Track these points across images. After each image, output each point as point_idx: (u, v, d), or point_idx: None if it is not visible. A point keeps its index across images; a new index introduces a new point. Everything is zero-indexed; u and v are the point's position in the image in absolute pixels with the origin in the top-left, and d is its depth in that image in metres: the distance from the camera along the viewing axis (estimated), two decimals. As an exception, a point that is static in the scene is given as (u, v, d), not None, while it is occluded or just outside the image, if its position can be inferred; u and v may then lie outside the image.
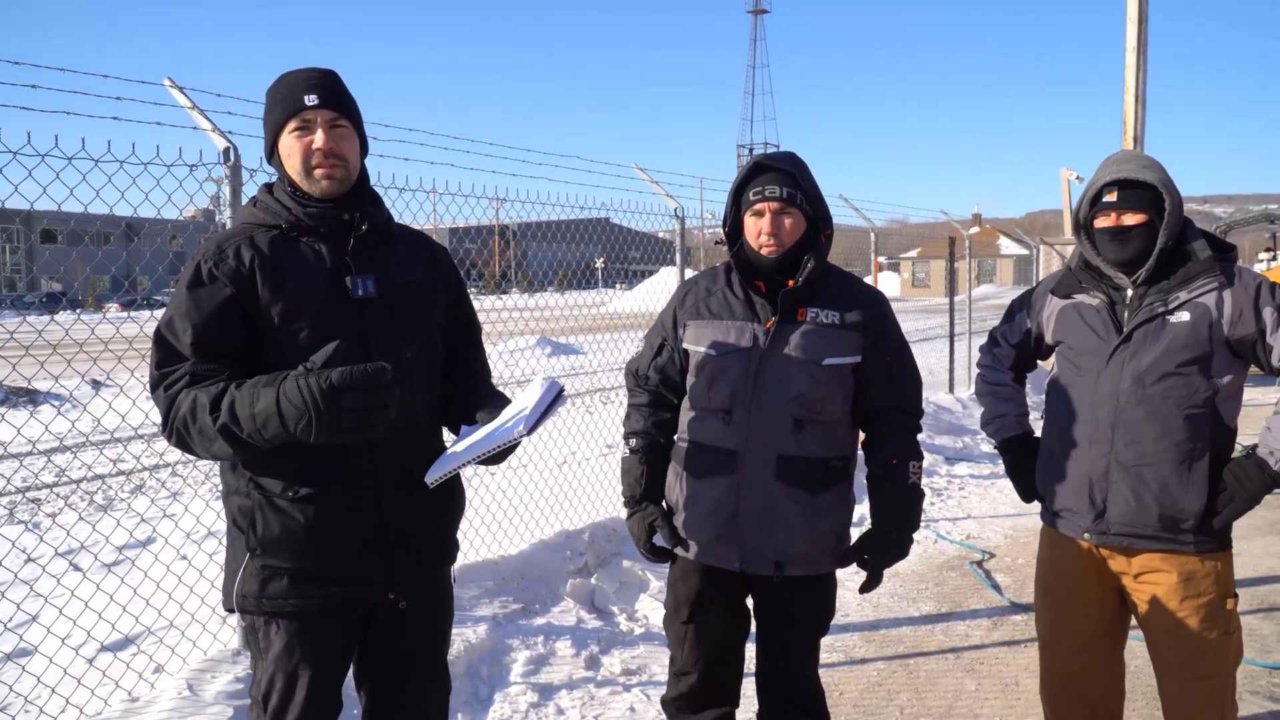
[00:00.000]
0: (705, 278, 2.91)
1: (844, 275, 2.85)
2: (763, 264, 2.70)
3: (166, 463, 8.52)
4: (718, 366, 2.73)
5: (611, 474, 6.76)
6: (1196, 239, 2.67)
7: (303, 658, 2.26)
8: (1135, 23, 12.27)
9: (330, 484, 2.21)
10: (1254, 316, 2.56)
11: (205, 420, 2.03)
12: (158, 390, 2.13)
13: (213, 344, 2.15)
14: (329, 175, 2.26)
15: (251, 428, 2.00)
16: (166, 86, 3.70)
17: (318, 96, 2.24)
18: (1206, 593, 2.67)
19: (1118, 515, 2.69)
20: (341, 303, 2.26)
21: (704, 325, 2.79)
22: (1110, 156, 2.76)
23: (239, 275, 2.18)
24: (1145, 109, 12.49)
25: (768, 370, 2.67)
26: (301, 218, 2.27)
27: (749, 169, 2.76)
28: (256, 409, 1.99)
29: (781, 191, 2.66)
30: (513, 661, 4.19)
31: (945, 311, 11.93)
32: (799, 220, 2.69)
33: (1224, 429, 2.65)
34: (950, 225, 12.37)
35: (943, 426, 9.60)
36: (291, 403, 1.95)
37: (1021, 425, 3.09)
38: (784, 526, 2.68)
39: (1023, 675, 4.22)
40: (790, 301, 2.70)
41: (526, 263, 39.31)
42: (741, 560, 2.73)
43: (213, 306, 2.16)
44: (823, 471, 2.70)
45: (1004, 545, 6.22)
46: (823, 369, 2.66)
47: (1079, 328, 2.79)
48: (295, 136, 2.25)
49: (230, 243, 2.23)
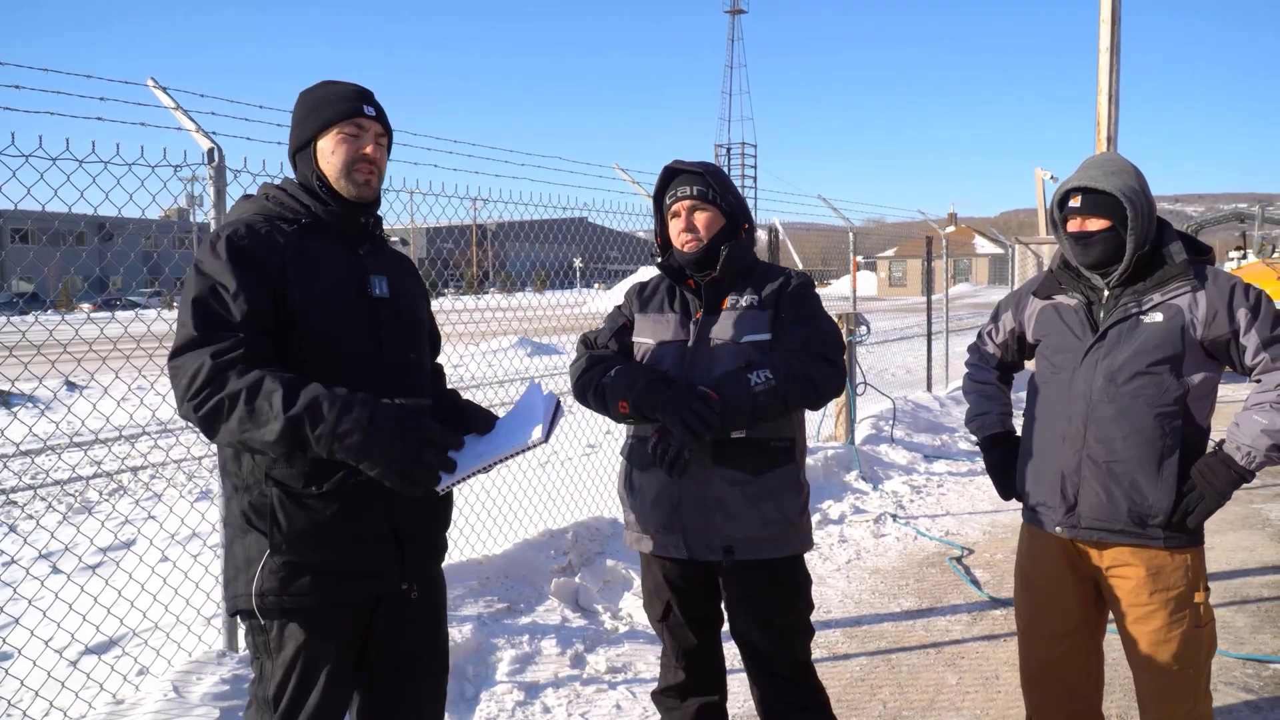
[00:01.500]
0: (652, 281, 3.05)
1: (768, 265, 2.96)
2: (685, 260, 2.83)
3: (150, 463, 8.46)
4: (655, 359, 2.86)
5: (593, 473, 6.78)
6: (1173, 242, 2.73)
7: (320, 654, 2.26)
8: (1109, 24, 12.43)
9: (348, 479, 2.23)
10: (1228, 317, 2.62)
11: (273, 403, 2.00)
12: (195, 352, 2.07)
13: (261, 316, 2.15)
14: (368, 181, 2.37)
15: (327, 429, 2.01)
16: (150, 87, 3.69)
17: (375, 110, 2.39)
18: (1175, 586, 2.72)
19: (1088, 510, 2.75)
20: (361, 300, 2.34)
21: (645, 320, 2.94)
22: (1086, 160, 2.82)
23: (270, 258, 2.22)
24: (1119, 109, 12.66)
25: (697, 360, 2.78)
26: (320, 214, 2.34)
27: (663, 177, 2.90)
28: (344, 417, 2.02)
29: (692, 190, 2.81)
30: (498, 661, 4.20)
31: (921, 310, 12.04)
32: (715, 215, 2.82)
33: (1195, 427, 2.70)
34: (927, 225, 12.46)
35: (921, 424, 9.69)
36: (382, 433, 2.02)
37: (1003, 424, 3.14)
38: (726, 511, 2.74)
39: (1003, 669, 4.28)
40: (714, 292, 2.83)
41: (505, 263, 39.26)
42: (688, 548, 2.80)
43: (255, 278, 2.17)
44: (762, 453, 2.75)
45: (983, 541, 6.29)
46: (742, 346, 2.74)
47: (1057, 327, 2.85)
48: (343, 138, 2.35)
49: (258, 225, 2.27)
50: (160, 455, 8.79)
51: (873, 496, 7.36)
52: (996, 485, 3.13)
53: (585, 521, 5.69)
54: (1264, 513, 6.78)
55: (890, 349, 19.68)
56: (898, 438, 8.96)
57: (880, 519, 6.69)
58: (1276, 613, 4.91)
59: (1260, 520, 6.59)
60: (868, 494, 7.41)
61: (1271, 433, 2.59)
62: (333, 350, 2.26)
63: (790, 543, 2.83)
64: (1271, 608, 4.99)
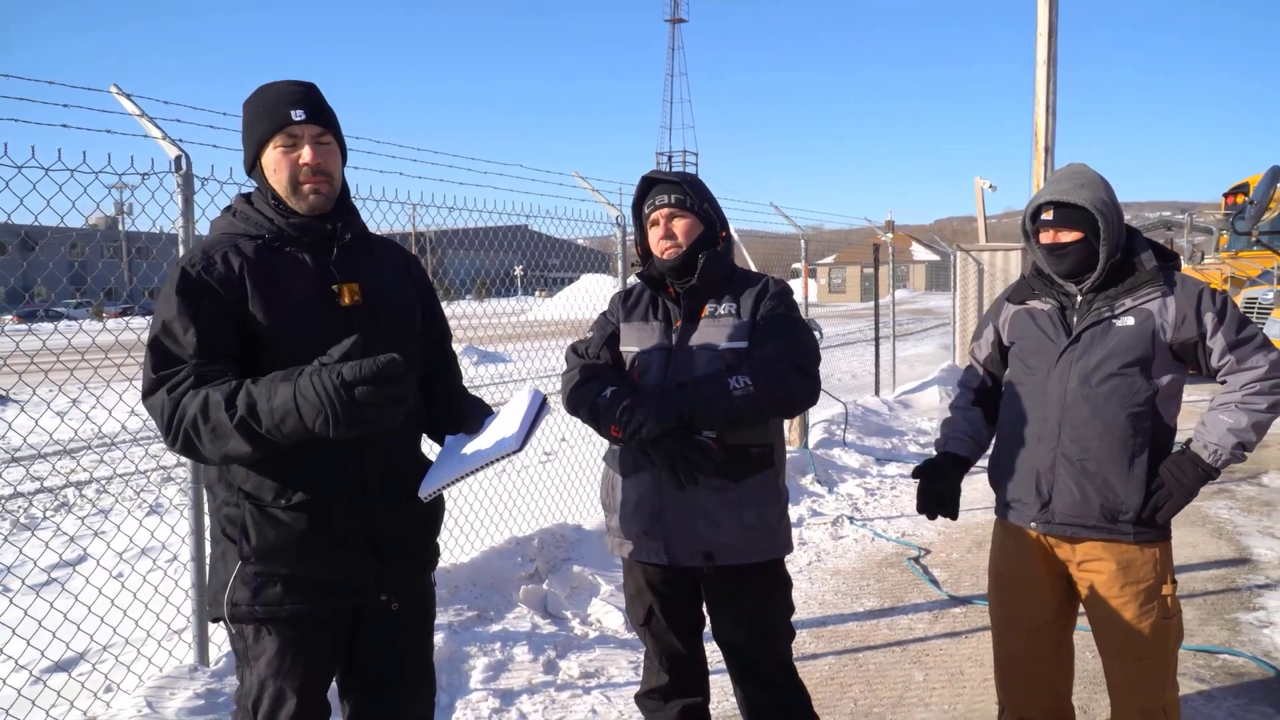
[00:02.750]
0: (635, 288, 3.07)
1: (746, 272, 3.00)
2: (665, 267, 2.86)
3: (95, 478, 8.27)
4: (640, 365, 2.89)
5: (552, 481, 6.79)
6: (1144, 250, 2.85)
7: (294, 663, 2.27)
8: (1045, 37, 12.77)
9: (320, 490, 2.23)
10: (1195, 321, 2.74)
11: (220, 417, 1.99)
12: (157, 393, 2.10)
13: (215, 345, 2.14)
14: (316, 190, 2.29)
15: (270, 423, 1.97)
16: (113, 94, 3.63)
17: (304, 111, 2.25)
18: (1145, 579, 2.82)
19: (1062, 506, 2.85)
20: (330, 311, 2.28)
21: (630, 328, 2.96)
22: (1056, 173, 2.93)
23: (228, 281, 2.19)
24: (1056, 119, 13.00)
25: (678, 367, 2.81)
26: (285, 228, 2.29)
27: (642, 187, 2.95)
28: (274, 404, 1.96)
29: (670, 198, 2.85)
30: (471, 669, 4.20)
31: (862, 317, 12.26)
32: (693, 223, 2.85)
33: (1163, 427, 2.82)
34: (865, 232, 12.68)
35: (871, 428, 9.85)
36: (307, 399, 1.93)
37: (949, 445, 3.14)
38: (706, 517, 2.77)
39: (966, 665, 4.39)
40: (693, 299, 2.87)
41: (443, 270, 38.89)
42: (668, 553, 2.83)
43: (209, 310, 2.16)
44: (741, 459, 2.78)
45: (938, 542, 6.43)
46: (721, 353, 2.79)
47: (1031, 331, 2.95)
48: (281, 152, 2.26)
49: (216, 249, 2.23)
50: (105, 470, 8.60)
51: (829, 499, 7.47)
52: (920, 492, 3.11)
53: (550, 528, 5.69)
54: (1204, 510, 7.02)
55: (834, 354, 19.94)
56: (850, 441, 9.10)
57: (838, 521, 6.80)
58: (1222, 605, 5.10)
59: (1201, 518, 6.83)
60: (824, 497, 7.52)
61: (1237, 431, 2.71)
62: (302, 363, 2.21)
63: (770, 548, 2.87)
64: (1217, 601, 5.18)
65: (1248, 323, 2.78)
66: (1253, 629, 4.76)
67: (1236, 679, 4.21)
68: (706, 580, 2.90)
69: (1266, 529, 6.58)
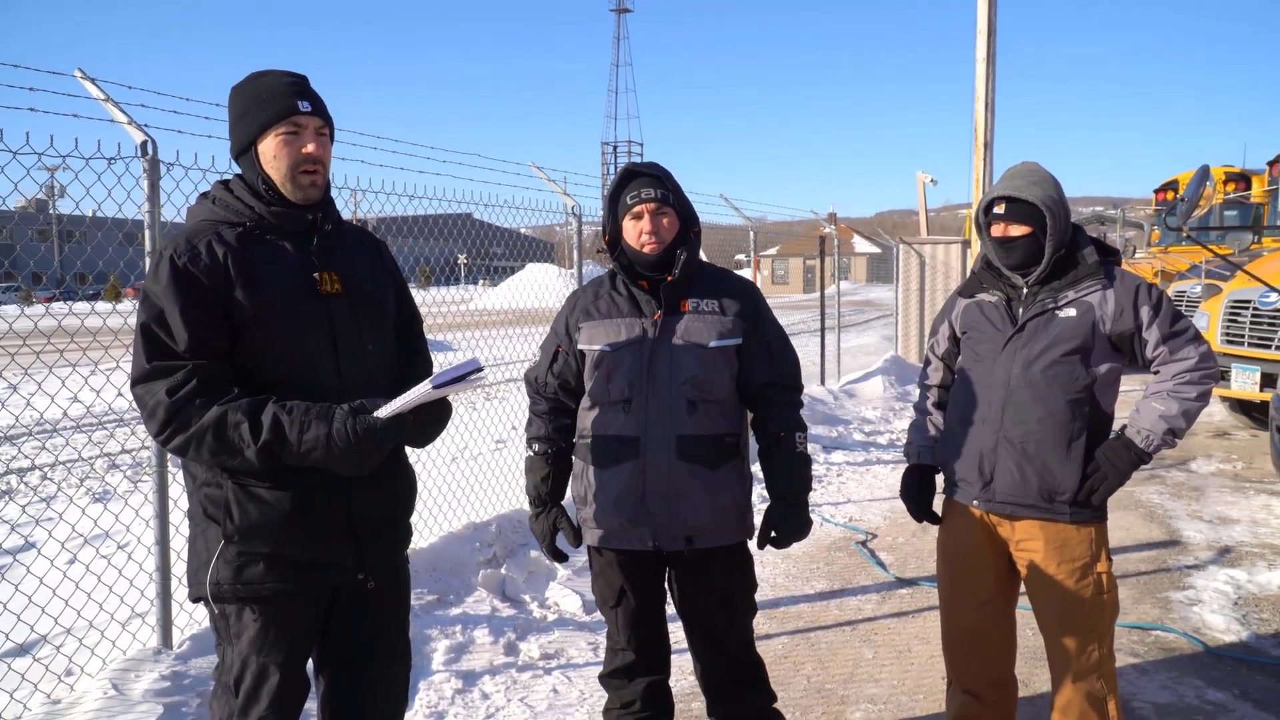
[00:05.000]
0: (591, 286, 3.12)
1: (715, 268, 3.12)
2: (644, 261, 2.92)
3: (37, 465, 8.12)
4: (613, 361, 2.93)
5: (505, 468, 6.86)
6: (1086, 245, 3.01)
7: (276, 640, 2.33)
8: (985, 35, 13.06)
9: (303, 471, 2.29)
10: (1132, 314, 2.90)
11: (235, 436, 2.14)
12: (150, 385, 2.17)
13: (206, 338, 2.20)
14: (314, 183, 2.35)
15: (294, 452, 2.17)
16: (78, 78, 3.61)
17: (310, 104, 2.32)
18: (1080, 558, 2.99)
19: (1003, 486, 3.00)
20: (311, 299, 2.34)
21: (595, 326, 2.99)
22: (1008, 170, 3.07)
23: (213, 270, 2.23)
24: (994, 115, 13.31)
25: (659, 358, 2.89)
26: (267, 216, 2.33)
27: (621, 176, 3.01)
28: (306, 436, 2.15)
29: (656, 193, 2.91)
30: (433, 651, 4.26)
31: (805, 308, 12.46)
32: (674, 218, 2.94)
33: (1101, 414, 2.98)
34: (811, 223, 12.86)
35: (818, 417, 10.04)
36: (339, 444, 2.16)
37: (920, 455, 3.30)
38: (689, 502, 2.89)
39: (914, 642, 4.56)
40: (672, 294, 2.95)
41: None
42: (655, 538, 2.93)
43: (199, 300, 2.20)
44: (719, 447, 2.92)
45: (884, 526, 6.62)
46: (709, 351, 2.90)
47: (979, 321, 3.11)
48: (283, 140, 2.30)
49: (200, 238, 2.27)
50: (47, 458, 8.45)
51: (778, 486, 7.61)
52: (911, 512, 3.32)
53: (507, 514, 5.76)
54: (1137, 495, 7.32)
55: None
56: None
57: (787, 507, 6.93)
58: (1154, 585, 5.35)
59: (1134, 502, 7.12)
60: (773, 484, 7.66)
61: (1168, 418, 2.88)
62: (285, 352, 2.29)
63: (740, 529, 3.01)
64: (1149, 580, 5.43)
65: (1180, 316, 2.95)
66: (1183, 607, 5.01)
67: (1168, 653, 4.43)
68: (676, 560, 3.01)
69: (1194, 513, 6.88)
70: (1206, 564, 5.72)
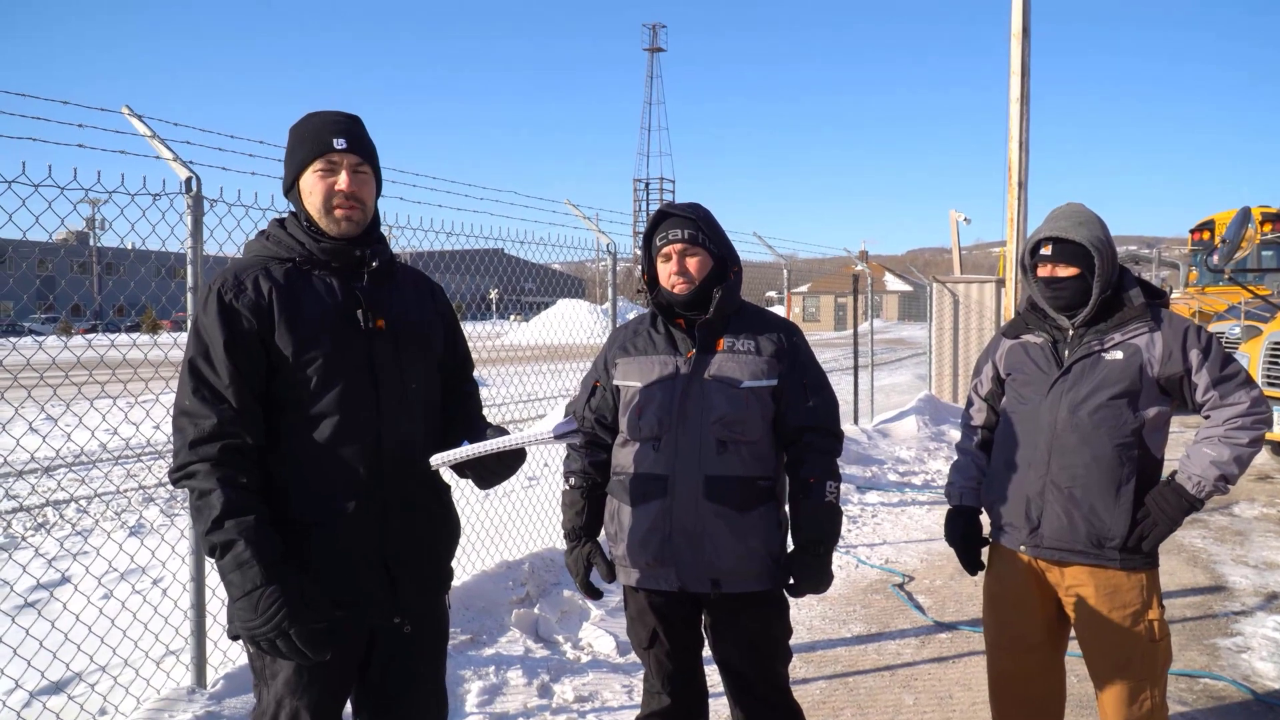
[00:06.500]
0: (633, 323, 3.11)
1: (756, 308, 3.08)
2: (676, 301, 2.91)
3: (74, 497, 8.18)
4: (645, 397, 2.91)
5: (538, 505, 6.82)
6: (1133, 287, 2.97)
7: (311, 682, 2.31)
8: (1019, 75, 13.03)
9: (335, 508, 2.28)
10: (1181, 357, 2.85)
11: (205, 517, 2.16)
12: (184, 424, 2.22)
13: (247, 377, 2.24)
14: (348, 217, 2.37)
15: (220, 570, 2.18)
16: (125, 115, 3.67)
17: (346, 141, 2.36)
18: (1132, 604, 2.91)
19: (1050, 531, 2.94)
20: (353, 335, 2.36)
21: (631, 362, 2.99)
22: (1054, 211, 3.04)
23: (258, 307, 2.27)
24: (1029, 155, 13.23)
25: (691, 396, 2.86)
26: (315, 252, 2.37)
27: (654, 219, 3.00)
28: (232, 576, 2.15)
29: (683, 234, 2.88)
30: (467, 692, 4.22)
31: (836, 345, 12.37)
32: (705, 258, 2.90)
33: (1150, 458, 2.92)
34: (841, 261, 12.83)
35: (851, 457, 9.94)
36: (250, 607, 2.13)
37: (962, 498, 3.25)
38: (714, 544, 2.83)
39: (955, 689, 4.46)
40: (707, 333, 2.91)
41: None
42: (680, 580, 2.88)
43: (240, 334, 2.24)
44: (749, 490, 2.86)
45: (921, 568, 6.51)
46: (741, 391, 2.85)
47: (1024, 362, 3.06)
48: (319, 176, 2.36)
49: (247, 273, 2.30)
50: (84, 490, 8.52)
51: (812, 526, 7.52)
52: (960, 558, 3.25)
53: (540, 552, 5.72)
54: (1179, 539, 7.16)
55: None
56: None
57: (822, 548, 6.84)
58: (1200, 631, 5.21)
59: (1177, 546, 6.96)
60: (807, 524, 7.57)
61: (1220, 464, 2.82)
62: (323, 388, 2.30)
63: (773, 576, 2.93)
64: (1195, 627, 5.29)
65: (1231, 360, 2.89)
66: (1231, 654, 4.87)
67: (1218, 702, 4.31)
68: (709, 604, 2.96)
69: (1239, 557, 6.72)
70: (1254, 610, 5.57)
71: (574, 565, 3.03)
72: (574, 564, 3.03)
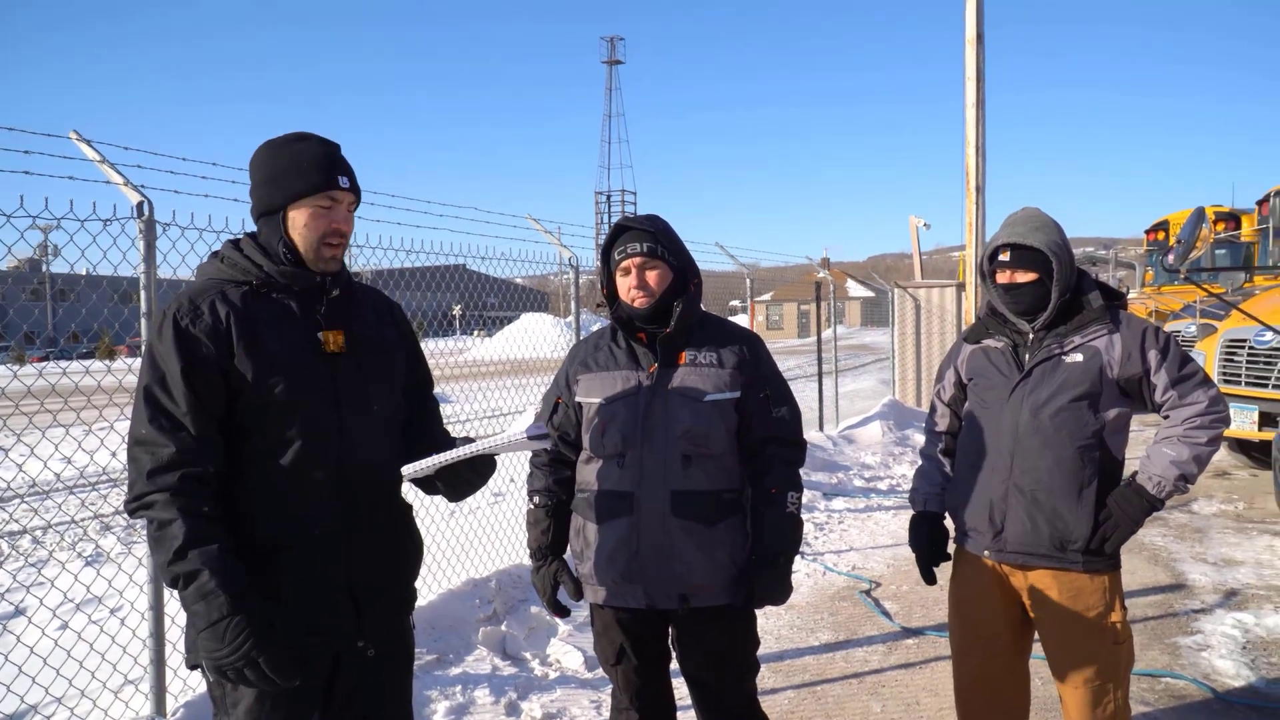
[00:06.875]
0: (593, 337, 3.09)
1: (717, 319, 3.07)
2: (636, 315, 2.89)
3: (26, 529, 8.02)
4: (608, 414, 2.90)
5: (504, 522, 6.79)
6: (1091, 290, 3.00)
7: (271, 709, 2.27)
8: (974, 80, 13.20)
9: (301, 532, 2.25)
10: (1140, 358, 2.89)
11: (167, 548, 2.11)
12: (139, 455, 2.17)
13: (205, 404, 2.19)
14: (335, 255, 2.37)
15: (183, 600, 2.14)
16: (73, 140, 3.61)
17: (348, 180, 2.36)
18: (1095, 607, 2.94)
19: (1014, 535, 2.96)
20: (315, 358, 2.33)
21: (593, 378, 2.96)
22: (1010, 216, 3.08)
23: (216, 333, 2.23)
24: (985, 160, 13.40)
25: (654, 411, 2.85)
26: (274, 275, 2.33)
27: (612, 232, 2.98)
28: (195, 606, 2.11)
29: (642, 247, 2.86)
30: (433, 713, 4.18)
31: (800, 353, 12.43)
32: (665, 271, 2.89)
33: (1111, 459, 2.95)
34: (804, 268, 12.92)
35: (817, 464, 9.98)
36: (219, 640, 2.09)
37: (926, 504, 3.27)
38: (683, 560, 2.82)
39: (922, 695, 4.48)
40: (669, 346, 2.90)
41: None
42: (648, 596, 2.86)
43: (199, 361, 2.20)
44: (715, 504, 2.86)
45: (888, 574, 6.55)
46: (705, 404, 2.84)
47: (985, 368, 3.09)
48: (318, 211, 2.33)
49: (203, 298, 2.27)
50: (38, 520, 8.35)
51: (779, 535, 7.53)
52: (920, 567, 3.27)
53: (507, 569, 5.69)
54: (1140, 538, 7.24)
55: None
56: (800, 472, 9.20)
57: (789, 556, 6.86)
58: (1161, 630, 5.28)
59: (1138, 545, 7.05)
60: (774, 532, 7.58)
61: (1179, 464, 2.85)
62: (286, 412, 2.27)
63: (739, 588, 2.93)
64: (1157, 626, 5.36)
65: (1189, 360, 2.93)
66: (1191, 652, 4.94)
67: (1179, 700, 4.37)
68: (676, 619, 2.95)
69: (1199, 555, 6.83)
70: (1213, 607, 5.65)
71: (541, 584, 3.01)
72: (541, 583, 3.01)
